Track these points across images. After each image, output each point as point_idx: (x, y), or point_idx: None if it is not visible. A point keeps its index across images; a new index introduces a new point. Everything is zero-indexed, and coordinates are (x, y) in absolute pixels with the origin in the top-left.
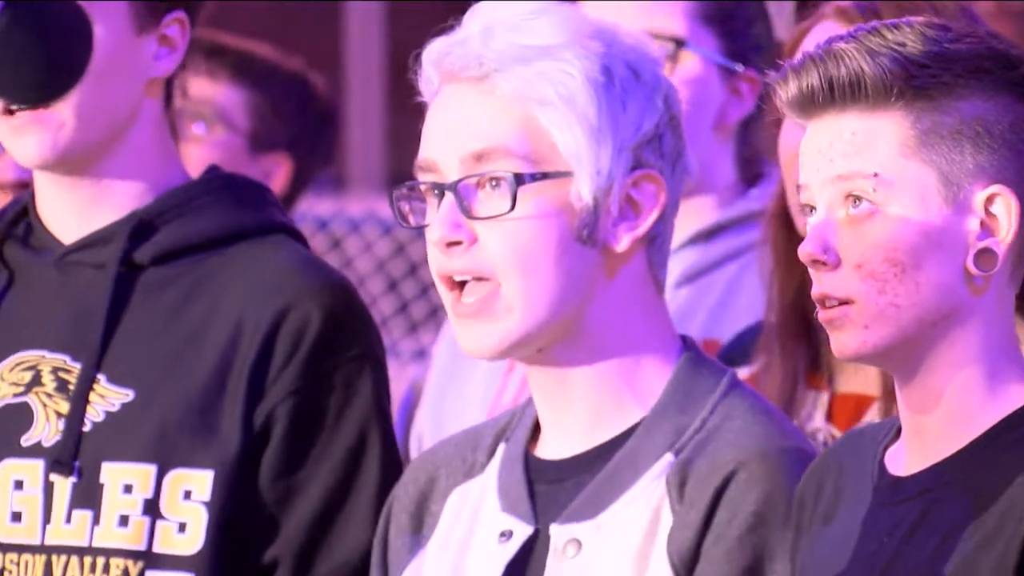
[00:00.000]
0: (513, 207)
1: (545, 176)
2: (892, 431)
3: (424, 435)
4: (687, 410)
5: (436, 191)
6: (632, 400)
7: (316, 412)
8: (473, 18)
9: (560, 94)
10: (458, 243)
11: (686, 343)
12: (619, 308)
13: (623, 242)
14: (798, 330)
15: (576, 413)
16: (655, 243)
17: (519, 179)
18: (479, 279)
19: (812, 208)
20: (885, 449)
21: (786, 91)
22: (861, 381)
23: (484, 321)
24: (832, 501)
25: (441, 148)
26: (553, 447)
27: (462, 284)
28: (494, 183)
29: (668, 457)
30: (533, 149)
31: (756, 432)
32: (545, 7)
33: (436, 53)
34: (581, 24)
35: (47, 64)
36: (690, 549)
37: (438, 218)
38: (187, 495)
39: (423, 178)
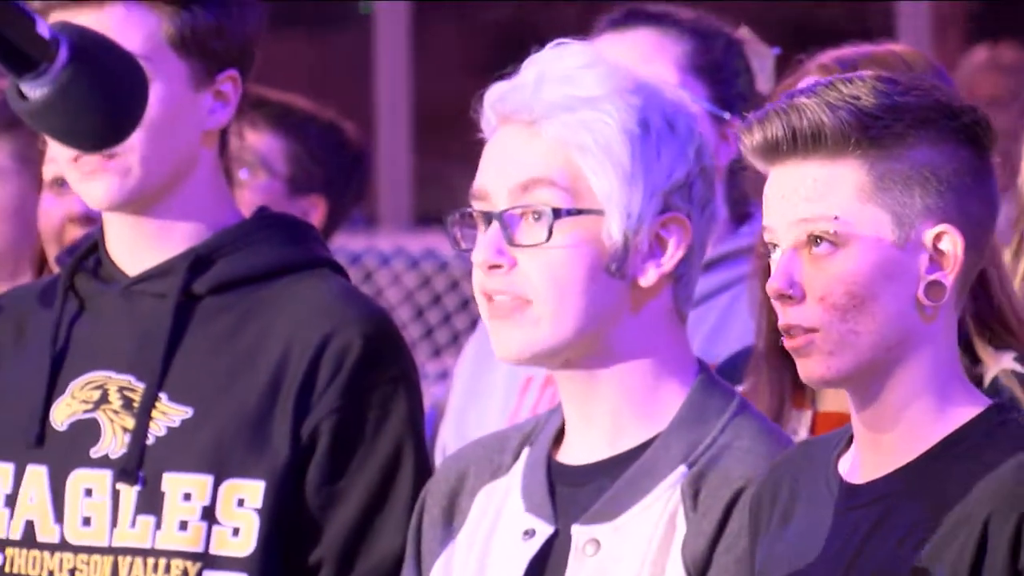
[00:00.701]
0: (549, 237)
1: (580, 212)
2: (843, 441)
3: (448, 447)
4: (700, 427)
5: (485, 218)
6: (651, 415)
7: (356, 427)
8: (529, 66)
9: (598, 141)
10: (499, 266)
11: (702, 366)
12: (644, 334)
13: (649, 276)
14: (783, 355)
15: (600, 422)
16: (681, 280)
17: (556, 213)
18: (516, 299)
19: (775, 246)
20: (838, 457)
21: (751, 140)
22: (841, 401)
23: (515, 325)
24: (788, 503)
25: (492, 179)
26: (575, 453)
27: (497, 303)
28: (536, 216)
29: (682, 469)
30: (572, 187)
31: (762, 451)
32: (593, 61)
33: (494, 97)
34: (624, 78)
35: (106, 114)
36: (703, 555)
37: (484, 242)
38: (240, 503)
39: (476, 205)
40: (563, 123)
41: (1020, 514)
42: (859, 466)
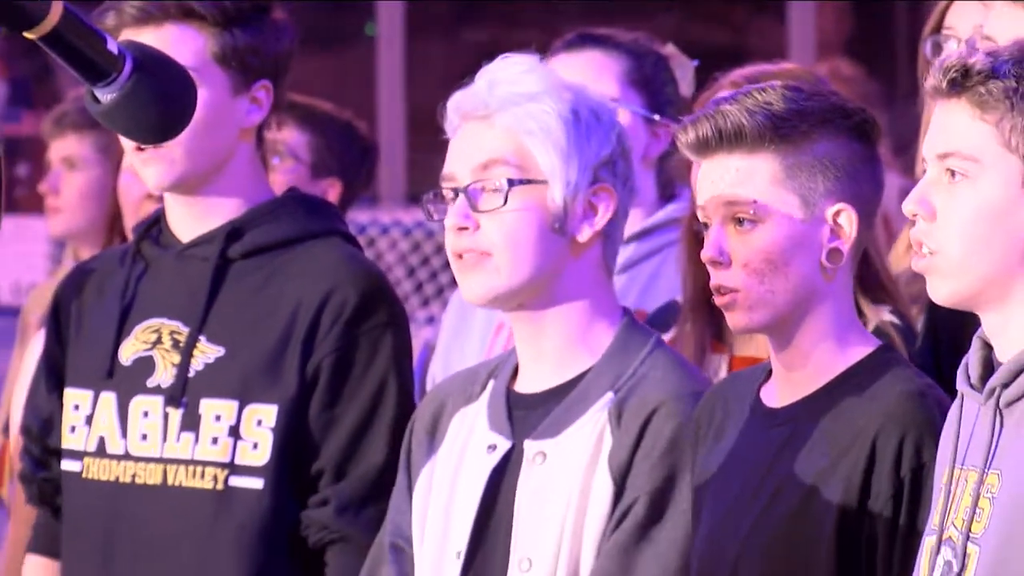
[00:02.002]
0: (505, 203)
1: (529, 182)
2: (764, 374)
3: (436, 377)
4: (624, 361)
5: (453, 193)
6: (585, 350)
7: (350, 365)
8: (482, 75)
9: (541, 127)
10: (465, 228)
11: (626, 312)
12: (579, 282)
13: (584, 233)
14: (704, 309)
15: (546, 356)
16: (609, 239)
17: (511, 183)
18: (481, 254)
19: (707, 224)
20: (759, 387)
21: (686, 138)
22: (753, 346)
23: (478, 273)
24: (721, 423)
25: (457, 163)
26: (528, 384)
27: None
28: (494, 188)
29: (610, 395)
30: (521, 164)
31: (673, 379)
32: (532, 67)
33: (455, 101)
34: (556, 80)
35: (161, 115)
36: (624, 463)
37: (453, 211)
38: (259, 423)
39: (445, 185)
40: (512, 115)
41: (902, 432)
42: (776, 394)
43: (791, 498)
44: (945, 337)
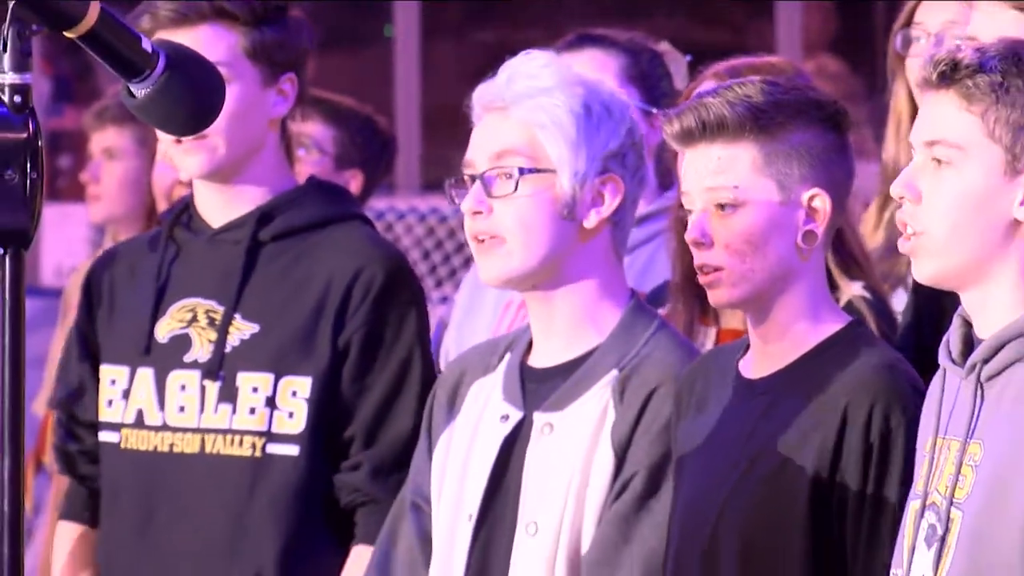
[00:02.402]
0: (516, 189)
1: (539, 171)
2: (743, 348)
3: (450, 353)
4: (629, 340)
5: (471, 179)
6: (594, 329)
7: (378, 338)
8: (503, 69)
9: (552, 119)
10: (480, 212)
11: (633, 294)
12: (589, 265)
13: (591, 219)
14: (691, 288)
15: (557, 334)
16: (618, 226)
17: (521, 171)
18: (493, 237)
19: (691, 209)
20: (738, 360)
21: (671, 129)
22: (738, 319)
23: (494, 257)
24: (703, 395)
25: (476, 151)
26: (540, 359)
27: (482, 242)
28: (507, 175)
29: (614, 372)
30: (533, 154)
31: (674, 360)
32: (548, 63)
33: (478, 93)
34: (572, 75)
35: (191, 109)
36: (626, 437)
37: (470, 195)
38: (294, 394)
39: (465, 171)
40: (526, 107)
41: (871, 401)
42: (754, 367)
43: (768, 464)
44: (927, 317)
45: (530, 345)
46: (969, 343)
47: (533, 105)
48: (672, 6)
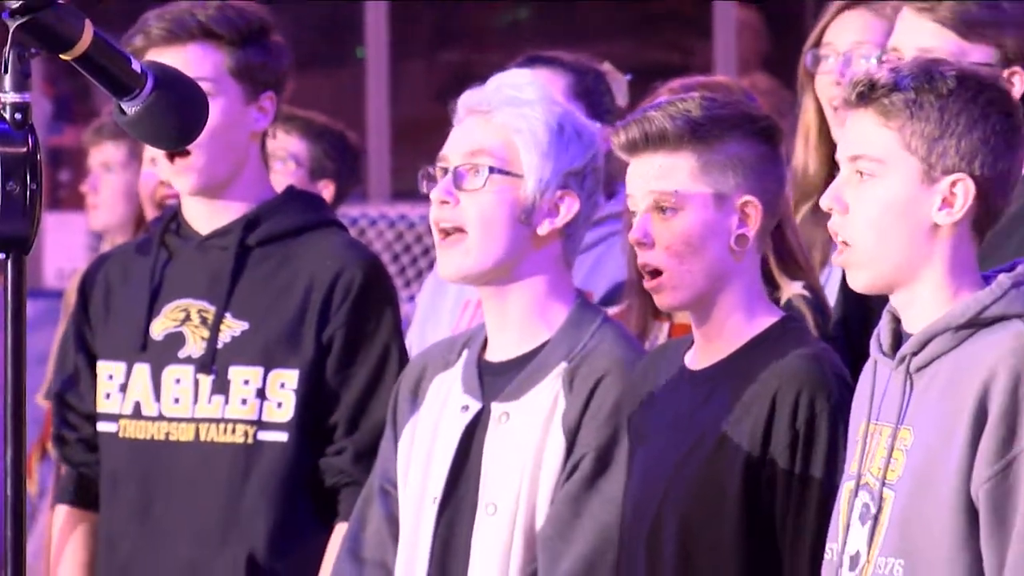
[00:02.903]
0: (484, 186)
1: (508, 173)
2: (689, 342)
3: (412, 347)
4: (577, 335)
5: (443, 172)
6: (544, 326)
7: (359, 334)
8: (492, 80)
9: (529, 128)
10: (447, 202)
11: (579, 294)
12: (540, 268)
13: (544, 227)
14: (644, 287)
15: (510, 329)
16: (569, 239)
17: (492, 170)
18: (456, 229)
19: (635, 212)
20: (684, 354)
21: (619, 139)
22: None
23: (454, 254)
24: (653, 386)
25: (452, 147)
26: (496, 354)
27: (446, 234)
28: (476, 172)
29: (563, 364)
30: (505, 157)
31: (618, 351)
32: (533, 81)
33: (465, 98)
34: (552, 96)
35: (178, 125)
36: (575, 422)
37: (440, 185)
38: (282, 385)
39: (438, 164)
40: (508, 114)
41: (797, 389)
42: (697, 359)
43: (707, 446)
44: (854, 313)
45: (485, 343)
46: (898, 336)
47: (515, 113)
48: (618, 29)
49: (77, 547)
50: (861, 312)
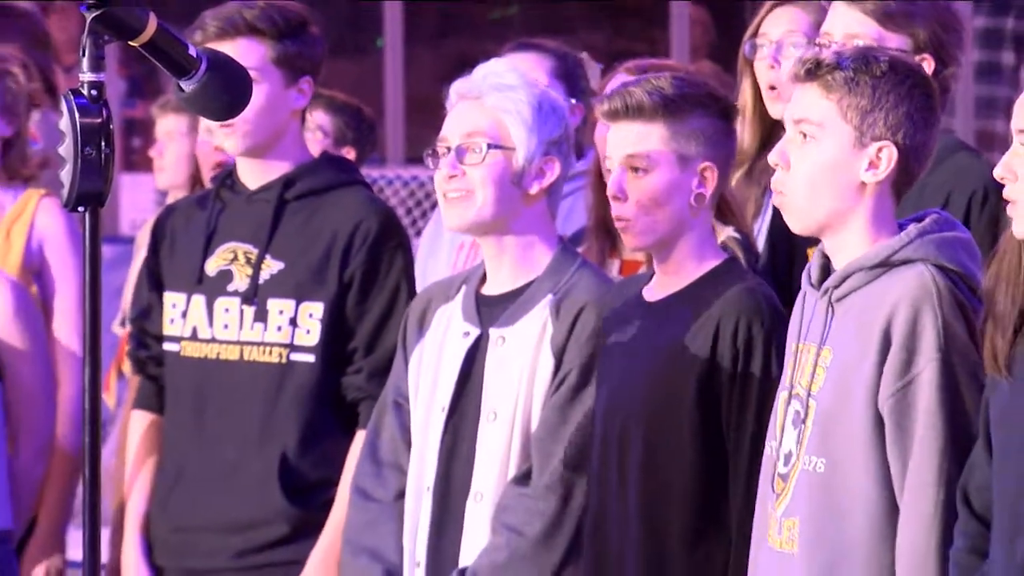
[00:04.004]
0: (483, 160)
1: (500, 147)
2: (647, 278)
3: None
4: (560, 273)
5: (446, 150)
6: (532, 266)
7: (374, 273)
8: (478, 69)
9: (515, 108)
10: (455, 175)
11: (561, 240)
12: (530, 220)
13: (533, 188)
14: (603, 230)
15: (504, 269)
16: (552, 195)
17: (489, 146)
18: (466, 191)
19: (611, 170)
20: (643, 288)
21: (602, 108)
22: (634, 254)
23: (461, 207)
24: (617, 315)
25: (451, 129)
26: (492, 288)
27: (453, 198)
28: (475, 149)
29: (550, 296)
30: (497, 134)
31: (594, 286)
32: (513, 68)
33: (456, 85)
34: (531, 81)
35: (226, 101)
36: (561, 344)
37: (445, 162)
38: (310, 315)
39: (440, 144)
40: (496, 98)
41: (737, 315)
42: (654, 292)
43: (666, 363)
44: (780, 256)
45: (482, 280)
46: (826, 272)
47: (502, 97)
48: (591, 23)
49: (147, 443)
50: (786, 257)
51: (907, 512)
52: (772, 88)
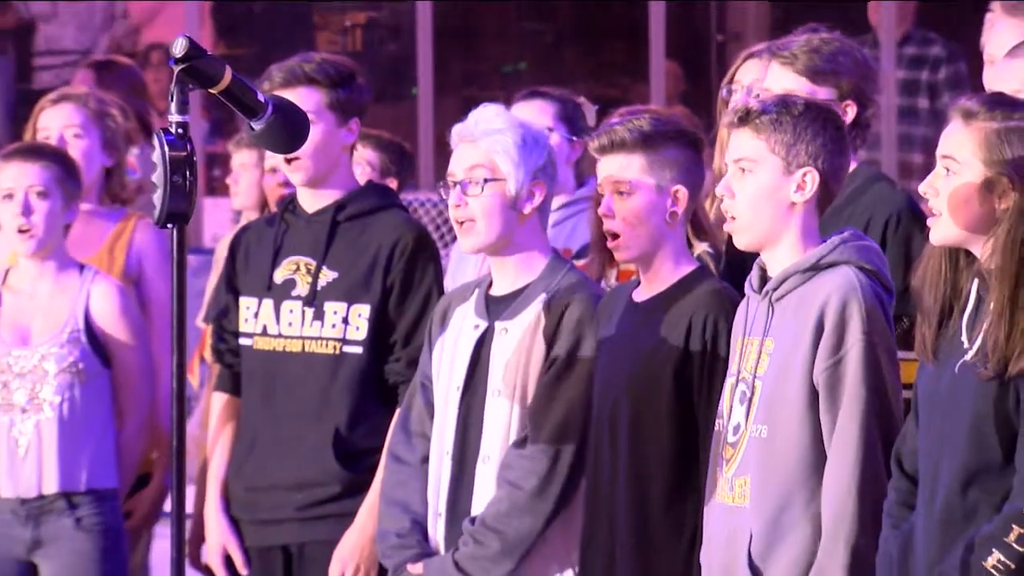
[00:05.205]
0: (482, 191)
1: (495, 180)
2: (635, 283)
3: (447, 289)
4: (551, 278)
5: (453, 184)
6: (529, 272)
7: (410, 281)
8: (472, 115)
9: (503, 148)
10: (460, 205)
11: (553, 250)
12: (526, 236)
13: (527, 209)
14: (602, 245)
15: (508, 275)
16: (542, 212)
17: (485, 180)
18: (469, 220)
19: (602, 194)
20: (632, 292)
21: (593, 144)
22: (630, 266)
23: (468, 235)
24: (611, 313)
25: (455, 167)
26: (497, 289)
27: (461, 223)
28: (476, 183)
29: (544, 296)
30: (492, 168)
31: (579, 287)
32: (500, 113)
33: (457, 129)
34: (515, 119)
35: (288, 138)
36: (551, 334)
37: (452, 194)
38: (359, 315)
39: (449, 179)
40: (487, 140)
41: (706, 313)
42: (641, 294)
43: (649, 352)
44: (736, 266)
45: (490, 284)
46: (764, 280)
47: (491, 139)
48: (586, 75)
49: (224, 419)
50: (738, 268)
51: (833, 462)
52: None
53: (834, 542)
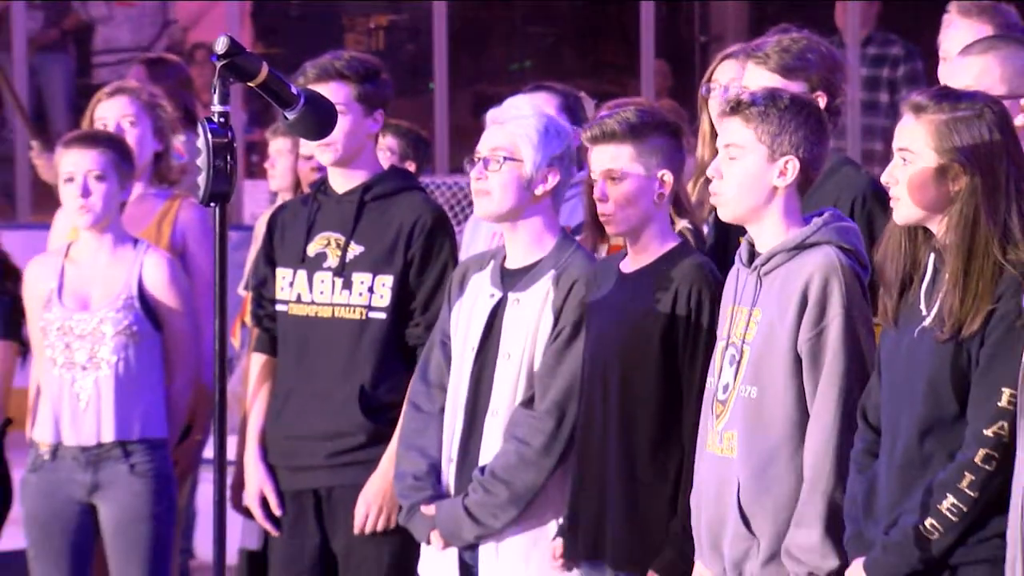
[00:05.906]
0: (500, 168)
1: (514, 159)
2: (623, 256)
3: (461, 258)
4: (560, 254)
5: (478, 159)
6: (540, 248)
7: (429, 254)
8: (506, 103)
9: (527, 133)
10: (482, 178)
11: (562, 229)
12: (537, 214)
13: (539, 191)
14: (595, 223)
15: (520, 249)
16: (555, 196)
17: (505, 158)
18: (488, 191)
19: (596, 180)
20: (620, 263)
21: (586, 135)
22: (619, 240)
23: (484, 200)
24: (601, 283)
25: (483, 144)
26: (511, 263)
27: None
28: (496, 160)
29: (553, 271)
30: (513, 149)
31: (585, 264)
32: (529, 102)
33: (491, 113)
34: (542, 112)
35: (318, 126)
36: (559, 306)
37: (476, 169)
38: (384, 284)
39: (476, 155)
40: (513, 124)
41: (690, 284)
42: (629, 265)
43: (635, 321)
44: (721, 241)
45: (504, 257)
46: (752, 254)
47: (517, 123)
48: (585, 72)
49: (263, 376)
50: (723, 244)
51: (814, 422)
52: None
53: (813, 492)
